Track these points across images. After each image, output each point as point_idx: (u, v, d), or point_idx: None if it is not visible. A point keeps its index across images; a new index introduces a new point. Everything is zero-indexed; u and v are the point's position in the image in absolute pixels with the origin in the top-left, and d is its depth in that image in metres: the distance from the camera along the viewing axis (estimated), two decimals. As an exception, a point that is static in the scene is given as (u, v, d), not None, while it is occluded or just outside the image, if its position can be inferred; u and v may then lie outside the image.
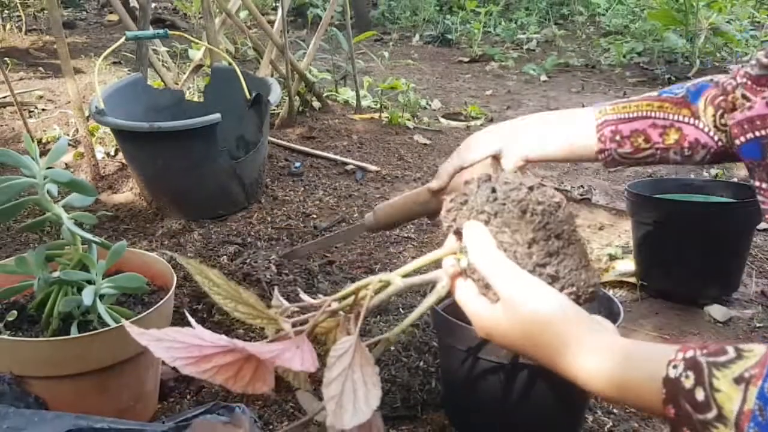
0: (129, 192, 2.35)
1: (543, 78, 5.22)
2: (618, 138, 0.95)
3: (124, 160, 2.42)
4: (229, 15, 2.98)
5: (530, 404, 1.09)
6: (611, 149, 0.96)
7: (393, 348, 1.37)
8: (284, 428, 0.65)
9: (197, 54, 3.22)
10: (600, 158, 0.98)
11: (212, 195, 2.14)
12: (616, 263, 1.97)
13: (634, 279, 1.86)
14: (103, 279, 1.13)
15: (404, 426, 1.23)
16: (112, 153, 2.62)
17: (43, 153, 2.20)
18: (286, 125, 3.14)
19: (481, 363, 1.09)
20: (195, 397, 1.28)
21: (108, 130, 2.54)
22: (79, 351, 1.03)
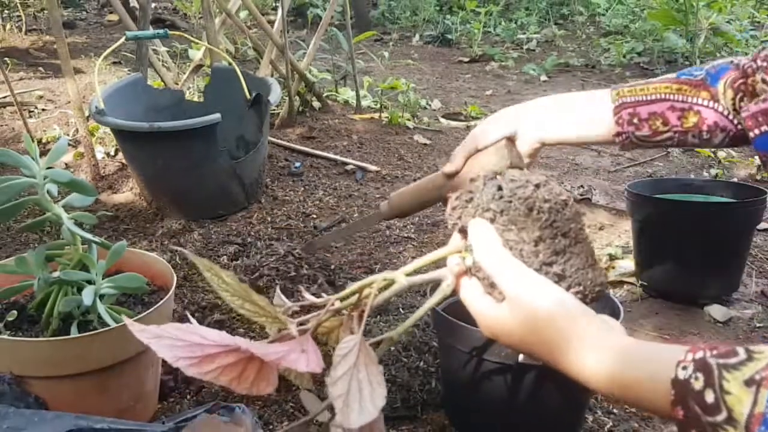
0: (129, 192, 2.35)
1: (543, 78, 5.22)
2: (636, 121, 0.93)
3: (124, 160, 2.42)
4: (229, 15, 2.98)
5: (530, 404, 1.09)
6: (629, 132, 0.94)
7: (393, 348, 1.36)
8: (285, 428, 0.65)
9: (197, 54, 3.22)
10: (617, 141, 0.96)
11: (212, 195, 2.14)
12: (616, 263, 1.97)
13: (634, 279, 1.86)
14: (103, 279, 1.13)
15: (404, 426, 1.23)
16: (112, 153, 2.62)
17: (43, 153, 2.20)
18: (286, 125, 3.13)
19: (482, 363, 1.09)
20: (195, 397, 1.28)
21: (108, 130, 2.54)
22: (79, 351, 1.03)
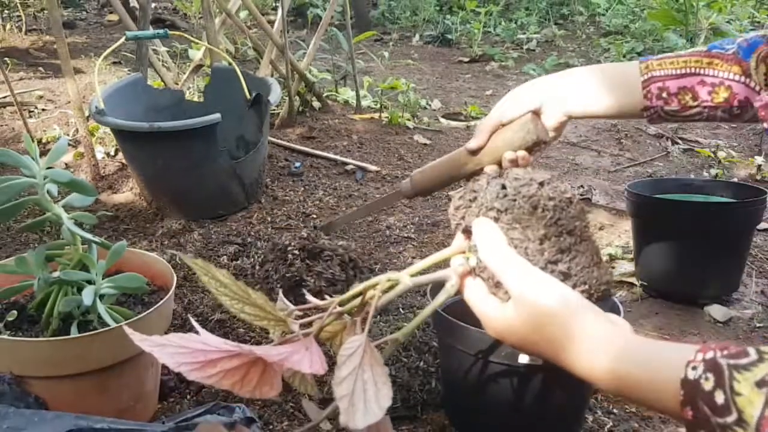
0: (129, 192, 2.35)
1: (543, 78, 5.21)
2: (665, 95, 0.91)
3: (124, 160, 2.42)
4: (229, 15, 2.98)
5: (531, 404, 1.09)
6: (657, 106, 0.92)
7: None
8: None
9: (197, 54, 3.22)
10: (645, 115, 0.94)
11: (212, 195, 2.14)
12: (616, 263, 1.97)
13: (634, 279, 1.86)
14: (103, 279, 1.13)
15: (404, 426, 1.23)
16: (112, 153, 2.62)
17: (43, 153, 2.20)
18: (286, 125, 3.13)
19: (482, 363, 1.09)
20: (195, 397, 1.28)
21: (108, 130, 2.54)
22: (79, 351, 1.03)
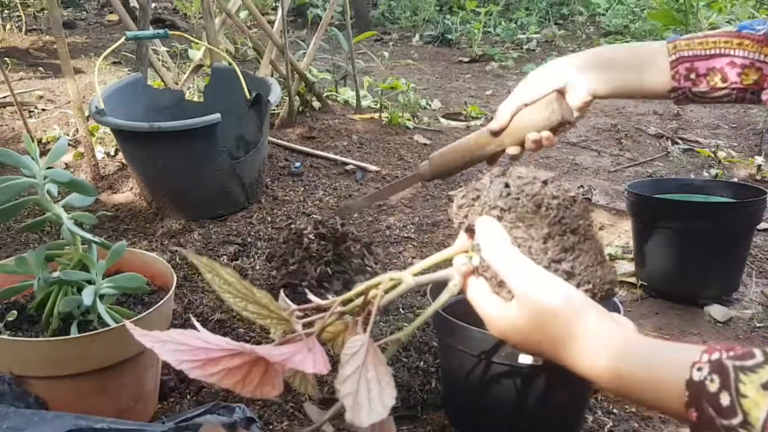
0: (129, 192, 2.35)
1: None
2: (693, 76, 0.89)
3: (124, 160, 2.42)
4: (229, 15, 2.98)
5: (531, 403, 1.09)
6: (685, 88, 0.90)
7: (393, 348, 1.37)
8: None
9: (197, 54, 3.22)
10: (671, 96, 0.92)
11: (212, 195, 2.14)
12: (616, 263, 1.97)
13: (634, 279, 1.86)
14: (103, 279, 1.13)
15: (404, 426, 1.23)
16: (112, 153, 2.62)
17: (43, 153, 2.20)
18: (286, 125, 3.13)
19: (482, 363, 1.09)
20: (195, 397, 1.28)
21: (108, 130, 2.54)
22: (79, 351, 1.03)
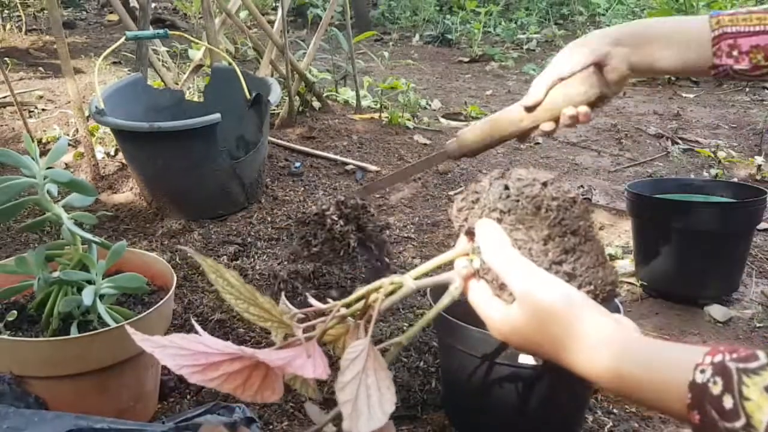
0: (129, 192, 2.35)
1: (543, 78, 5.21)
2: (735, 53, 0.87)
3: (124, 160, 2.42)
4: (229, 15, 2.98)
5: (531, 404, 1.09)
6: (727, 65, 0.88)
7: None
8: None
9: (197, 54, 3.21)
10: (712, 73, 0.90)
11: (212, 195, 2.14)
12: (616, 263, 1.97)
13: (634, 279, 1.86)
14: (103, 279, 1.13)
15: (404, 426, 1.23)
16: (112, 153, 2.62)
17: (43, 153, 2.20)
18: (286, 125, 3.13)
19: (482, 363, 1.09)
20: (195, 397, 1.28)
21: (108, 130, 2.54)
22: (79, 351, 1.03)
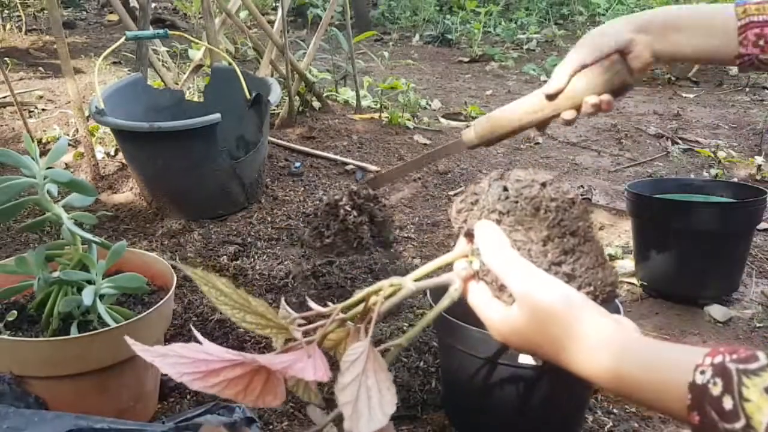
0: (129, 192, 2.35)
1: (543, 78, 5.21)
2: (762, 43, 0.86)
3: (124, 160, 2.42)
4: (229, 15, 2.98)
5: (531, 404, 1.09)
6: (753, 55, 0.87)
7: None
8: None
9: (197, 54, 3.21)
10: (737, 63, 0.88)
11: (212, 195, 2.14)
12: (616, 263, 1.97)
13: (634, 279, 1.86)
14: (103, 279, 1.13)
15: (404, 426, 1.23)
16: (112, 153, 2.62)
17: (43, 153, 2.20)
18: (286, 125, 3.13)
19: (482, 363, 1.09)
20: (195, 397, 1.28)
21: (108, 130, 2.54)
22: (79, 351, 1.03)
